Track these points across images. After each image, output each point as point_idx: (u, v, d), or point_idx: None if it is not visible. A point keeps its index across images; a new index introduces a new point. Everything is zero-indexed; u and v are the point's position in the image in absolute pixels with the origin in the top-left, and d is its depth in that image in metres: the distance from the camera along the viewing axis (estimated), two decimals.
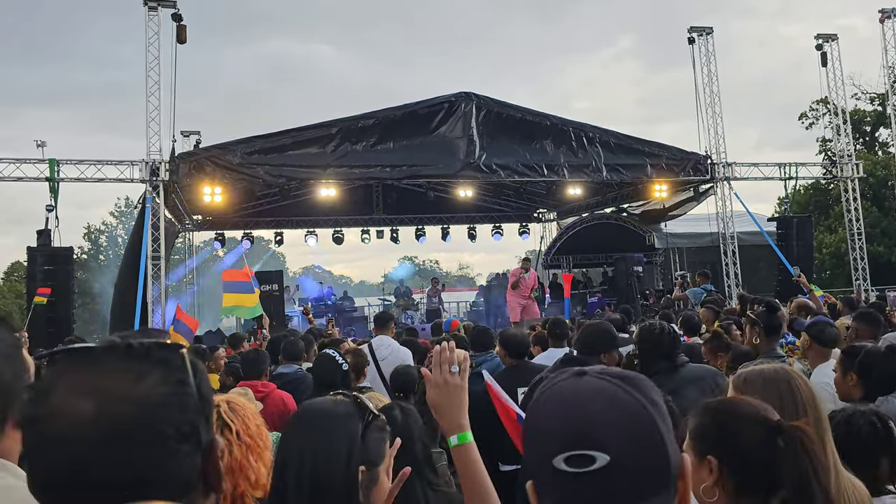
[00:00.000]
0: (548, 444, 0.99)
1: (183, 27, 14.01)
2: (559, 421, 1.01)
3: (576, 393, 1.02)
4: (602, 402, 1.00)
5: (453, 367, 1.89)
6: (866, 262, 18.53)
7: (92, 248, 51.23)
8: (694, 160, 16.67)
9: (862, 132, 33.84)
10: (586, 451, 0.96)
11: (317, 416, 1.72)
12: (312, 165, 14.28)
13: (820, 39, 18.46)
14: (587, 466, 0.95)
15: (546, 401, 1.05)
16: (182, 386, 0.94)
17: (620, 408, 1.00)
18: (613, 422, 0.98)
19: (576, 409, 1.00)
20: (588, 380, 1.04)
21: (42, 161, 13.55)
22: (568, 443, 0.97)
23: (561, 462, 0.96)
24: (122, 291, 14.83)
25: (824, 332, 4.37)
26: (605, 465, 0.95)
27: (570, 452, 0.96)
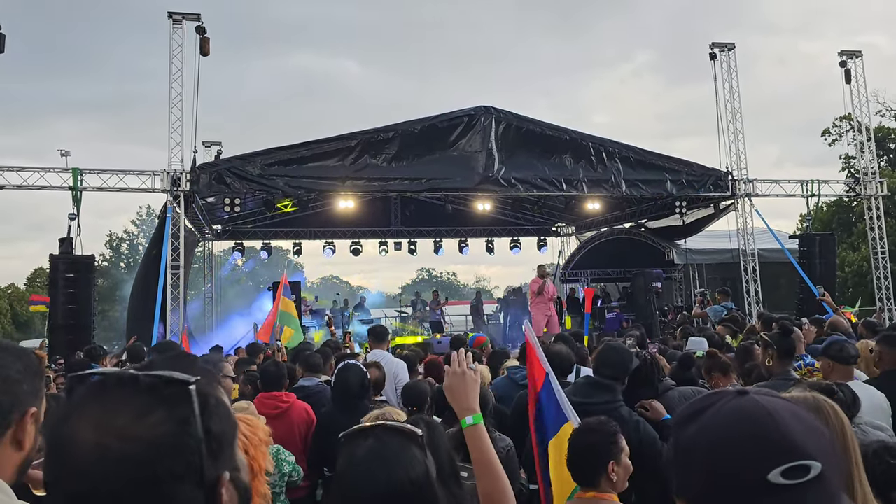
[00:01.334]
0: (754, 461, 1.00)
1: (206, 39, 14.20)
2: (762, 435, 1.02)
3: (762, 408, 1.05)
4: (790, 416, 1.04)
5: (471, 365, 2.21)
6: (890, 281, 18.26)
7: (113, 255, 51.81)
8: (715, 176, 16.55)
9: (886, 149, 33.47)
10: (802, 461, 0.99)
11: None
12: (331, 177, 14.35)
13: (844, 56, 18.31)
14: (804, 477, 0.98)
15: (730, 419, 1.05)
16: (184, 425, 0.93)
17: (805, 420, 1.04)
18: (809, 432, 1.02)
19: (774, 424, 1.02)
20: (761, 397, 1.07)
21: (66, 170, 13.74)
22: (781, 457, 0.99)
23: (778, 476, 0.98)
24: (137, 299, 14.95)
25: (843, 350, 4.28)
26: (819, 473, 0.99)
27: (787, 465, 0.98)
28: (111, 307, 38.02)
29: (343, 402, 4.86)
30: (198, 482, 0.93)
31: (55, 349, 12.35)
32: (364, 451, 1.62)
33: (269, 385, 5.32)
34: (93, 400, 0.94)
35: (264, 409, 4.84)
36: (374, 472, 1.58)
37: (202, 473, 0.93)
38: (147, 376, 0.95)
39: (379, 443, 1.63)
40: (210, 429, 0.96)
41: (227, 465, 0.99)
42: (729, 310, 12.21)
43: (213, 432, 0.96)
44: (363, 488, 1.58)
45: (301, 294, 17.06)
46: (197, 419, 0.94)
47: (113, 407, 0.93)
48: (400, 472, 1.58)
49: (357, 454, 1.63)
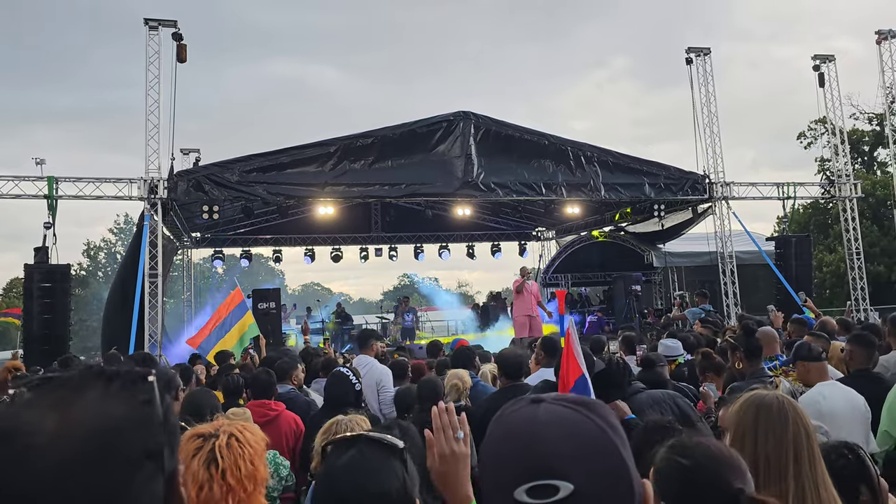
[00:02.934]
0: (506, 476, 0.95)
1: (183, 46, 14.11)
2: (517, 451, 0.96)
3: (532, 421, 0.98)
4: (561, 430, 0.96)
5: (458, 434, 1.76)
6: (866, 282, 18.50)
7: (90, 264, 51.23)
8: (692, 180, 16.70)
9: (860, 152, 33.96)
10: (549, 480, 0.91)
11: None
12: (311, 184, 14.30)
13: (817, 60, 18.57)
14: (550, 497, 0.91)
15: (501, 431, 1.01)
16: (148, 406, 0.93)
17: (581, 434, 0.96)
18: (574, 449, 0.94)
19: (533, 437, 0.96)
20: (545, 407, 1.00)
21: (41, 178, 13.58)
22: (528, 473, 0.93)
23: (523, 494, 0.92)
24: (115, 309, 14.78)
25: (811, 349, 4.36)
26: (569, 495, 0.91)
27: (531, 483, 0.92)
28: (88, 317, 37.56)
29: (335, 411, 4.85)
30: (160, 467, 0.91)
31: (30, 360, 12.17)
32: (345, 461, 1.61)
33: (260, 392, 5.30)
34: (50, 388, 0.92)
35: (254, 417, 4.83)
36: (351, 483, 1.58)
37: (163, 459, 0.92)
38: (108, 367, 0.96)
39: (360, 454, 1.62)
40: (168, 419, 0.95)
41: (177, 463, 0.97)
42: (707, 311, 12.31)
43: (171, 423, 0.95)
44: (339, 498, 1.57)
45: (280, 301, 16.97)
46: (158, 405, 0.94)
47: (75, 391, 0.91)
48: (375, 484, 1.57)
49: (338, 464, 1.62)
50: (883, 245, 27.06)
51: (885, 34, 18.88)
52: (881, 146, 33.39)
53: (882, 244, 27.08)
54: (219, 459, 2.00)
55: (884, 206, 27.51)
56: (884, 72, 19.09)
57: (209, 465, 1.98)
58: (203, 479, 1.94)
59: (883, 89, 19.67)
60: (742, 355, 4.42)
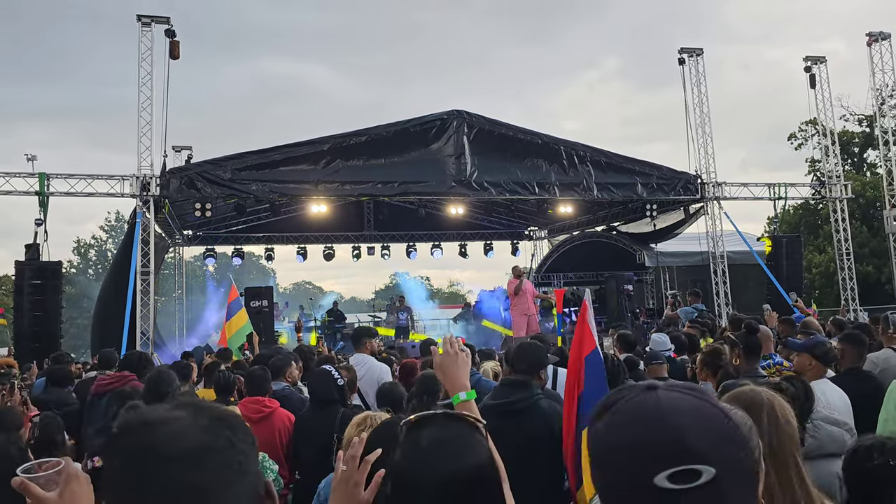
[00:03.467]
0: (641, 464, 0.94)
1: (176, 43, 14.06)
2: (650, 438, 0.95)
3: (658, 408, 0.98)
4: (691, 415, 0.97)
5: (462, 347, 2.31)
6: (855, 282, 18.63)
7: (81, 262, 50.98)
8: (684, 180, 16.77)
9: (850, 153, 34.15)
10: (690, 465, 0.92)
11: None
12: (304, 181, 14.28)
13: (808, 62, 18.67)
14: (693, 482, 0.91)
15: (627, 418, 0.99)
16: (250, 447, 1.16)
17: (709, 419, 0.97)
18: (708, 434, 0.95)
19: (665, 423, 0.96)
20: (664, 394, 1.00)
21: (32, 175, 13.52)
22: (667, 459, 0.93)
23: (664, 480, 0.92)
24: (106, 306, 14.73)
25: (829, 353, 4.41)
26: (711, 479, 0.92)
27: (672, 469, 0.92)
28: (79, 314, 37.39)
29: (320, 407, 4.86)
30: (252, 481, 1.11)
31: (20, 357, 12.11)
32: (435, 437, 1.59)
33: (254, 389, 5.30)
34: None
35: (247, 413, 4.85)
36: (445, 458, 1.55)
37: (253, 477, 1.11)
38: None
39: (446, 430, 1.60)
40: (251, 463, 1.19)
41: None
42: (699, 311, 12.36)
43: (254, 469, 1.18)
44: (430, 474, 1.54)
45: (273, 299, 16.93)
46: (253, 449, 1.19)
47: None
48: (470, 457, 1.55)
49: (425, 441, 1.58)
50: (872, 246, 27.22)
51: (877, 36, 19.02)
52: (871, 147, 33.59)
53: (871, 245, 27.24)
54: None
55: (873, 207, 27.71)
56: (874, 73, 19.23)
57: None
58: None
59: (873, 91, 19.82)
60: (741, 352, 4.45)
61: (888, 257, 19.95)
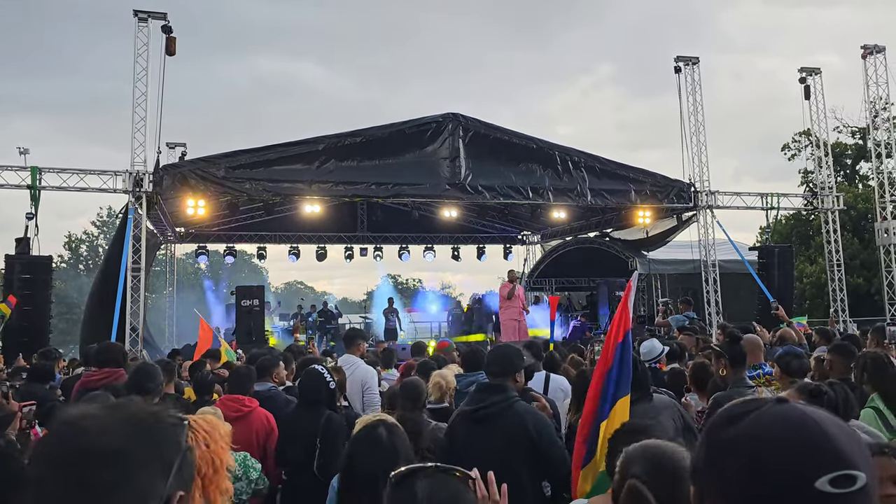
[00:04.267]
0: (800, 469, 0.99)
1: (172, 39, 14.01)
2: (808, 445, 1.00)
3: (807, 418, 1.04)
4: (834, 426, 1.03)
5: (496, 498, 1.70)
6: (845, 294, 18.71)
7: (72, 257, 50.72)
8: (678, 187, 16.81)
9: (843, 165, 34.31)
10: (849, 471, 0.98)
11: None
12: (298, 181, 14.25)
13: (803, 73, 18.76)
14: (851, 486, 0.97)
15: (774, 426, 1.04)
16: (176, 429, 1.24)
17: (846, 430, 1.03)
18: (856, 444, 1.02)
19: (820, 432, 1.01)
20: (800, 407, 1.06)
21: (24, 169, 13.44)
22: (828, 465, 0.98)
23: (826, 484, 0.97)
24: (96, 302, 14.66)
25: (790, 364, 4.44)
26: (864, 484, 0.98)
27: (835, 473, 0.97)
28: (68, 310, 37.17)
29: (309, 408, 4.84)
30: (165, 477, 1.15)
31: (8, 352, 12.03)
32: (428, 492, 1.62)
33: (236, 387, 5.27)
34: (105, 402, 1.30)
35: (225, 410, 4.80)
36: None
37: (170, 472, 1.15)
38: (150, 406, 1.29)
39: (439, 484, 1.63)
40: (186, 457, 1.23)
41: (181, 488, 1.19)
42: (691, 319, 12.39)
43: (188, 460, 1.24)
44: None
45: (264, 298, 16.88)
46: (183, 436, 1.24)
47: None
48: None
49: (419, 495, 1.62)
50: (863, 258, 27.34)
51: (871, 49, 19.12)
52: (863, 159, 33.77)
53: (862, 257, 27.36)
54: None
55: (864, 219, 27.84)
56: (868, 86, 19.33)
57: None
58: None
59: (867, 103, 19.93)
60: (727, 362, 4.47)
61: (878, 269, 20.04)
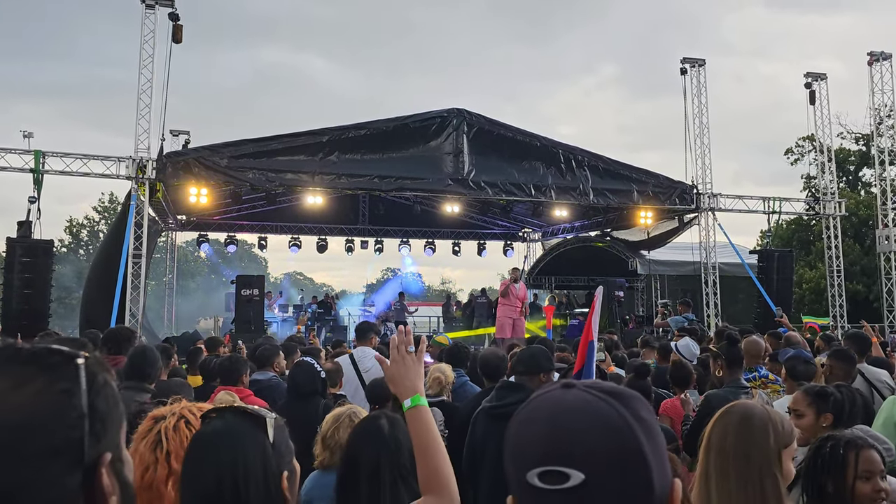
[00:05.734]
0: (524, 458, 0.97)
1: (179, 27, 14.00)
2: (537, 434, 0.97)
3: (557, 406, 0.99)
4: (583, 417, 0.96)
5: (409, 347, 2.11)
6: (844, 300, 18.72)
7: (73, 242, 50.72)
8: (680, 189, 16.80)
9: (846, 171, 34.33)
10: (561, 467, 0.92)
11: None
12: (301, 172, 14.26)
13: (809, 78, 18.74)
14: (560, 484, 0.92)
15: (528, 413, 1.02)
16: (65, 396, 0.87)
17: (602, 424, 0.95)
18: (593, 438, 0.94)
19: (555, 422, 0.97)
20: (574, 392, 1.00)
21: (27, 152, 13.44)
22: (543, 458, 0.94)
23: (534, 477, 0.94)
24: (96, 286, 14.67)
25: (796, 368, 4.46)
26: (577, 485, 0.91)
27: (544, 468, 0.93)
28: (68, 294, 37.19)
29: (296, 398, 4.87)
30: (76, 460, 0.86)
31: (8, 334, 12.05)
32: (207, 430, 1.65)
33: (226, 379, 5.25)
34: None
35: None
36: (209, 452, 1.61)
37: (82, 452, 0.86)
38: (31, 347, 0.90)
39: (224, 424, 1.63)
40: (95, 406, 0.89)
41: (109, 448, 0.92)
42: (689, 321, 12.42)
43: (98, 410, 0.90)
44: (199, 466, 1.61)
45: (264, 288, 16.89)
46: (82, 394, 0.88)
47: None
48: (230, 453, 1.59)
49: (201, 432, 1.66)
50: (863, 264, 27.37)
51: (878, 56, 19.10)
52: (866, 166, 33.78)
53: (862, 263, 27.39)
54: (163, 441, 2.00)
55: (866, 225, 27.87)
56: (874, 93, 19.31)
57: (155, 448, 1.98)
58: (149, 461, 1.95)
59: (872, 110, 19.91)
60: (723, 364, 4.50)
61: (878, 276, 20.06)
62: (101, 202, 50.57)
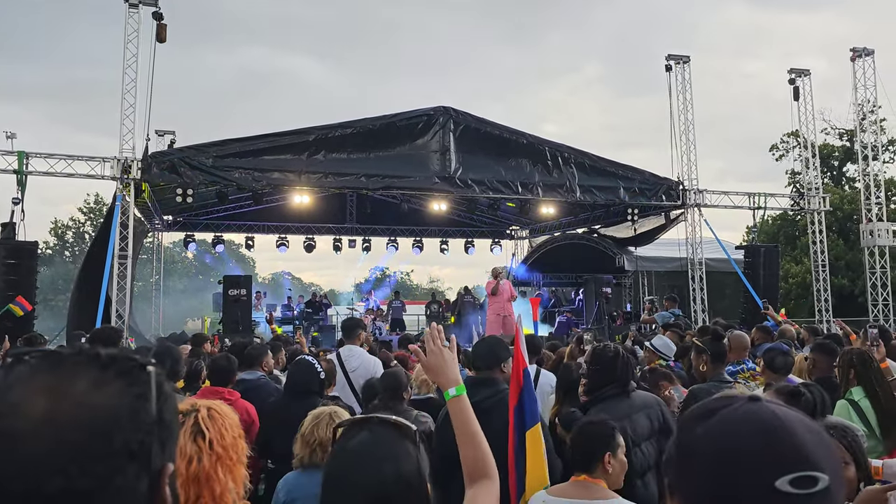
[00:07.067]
0: (761, 468, 1.00)
1: (163, 26, 13.93)
2: (771, 445, 1.01)
3: (775, 418, 1.04)
4: (803, 426, 1.04)
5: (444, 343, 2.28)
6: (829, 294, 18.88)
7: (58, 243, 50.33)
8: (666, 185, 16.88)
9: (830, 166, 34.58)
10: (810, 472, 0.98)
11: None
12: (287, 171, 14.21)
13: (793, 74, 18.87)
14: (812, 487, 0.98)
15: (741, 423, 1.05)
16: (140, 401, 0.88)
17: (815, 432, 1.04)
18: (821, 445, 1.02)
19: (785, 433, 1.02)
20: (771, 406, 1.07)
21: (11, 153, 13.33)
22: (790, 465, 0.99)
23: (786, 484, 0.98)
24: (82, 288, 14.57)
25: (775, 360, 4.50)
26: (826, 486, 0.98)
27: (796, 474, 0.98)
28: (54, 296, 36.93)
29: (293, 397, 4.83)
30: (146, 465, 0.87)
31: None
32: (357, 443, 1.61)
33: (218, 379, 5.23)
34: (45, 369, 0.87)
35: None
36: (366, 465, 1.58)
37: (150, 457, 0.88)
38: (107, 351, 0.91)
39: (372, 436, 1.62)
40: (162, 415, 0.91)
41: (170, 459, 0.93)
42: (676, 316, 12.47)
43: (165, 419, 0.92)
44: (354, 481, 1.57)
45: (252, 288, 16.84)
46: (153, 399, 0.90)
47: (68, 375, 0.87)
48: (390, 466, 1.57)
49: (350, 446, 1.62)
50: (848, 259, 27.59)
51: (860, 52, 19.26)
52: (850, 161, 34.06)
53: (847, 258, 27.61)
54: (205, 431, 2.01)
55: (850, 220, 28.08)
56: (857, 89, 19.47)
57: (196, 438, 1.99)
58: (191, 452, 1.95)
59: (855, 105, 20.07)
60: (708, 358, 4.54)
61: (863, 270, 20.23)
62: (86, 203, 50.19)
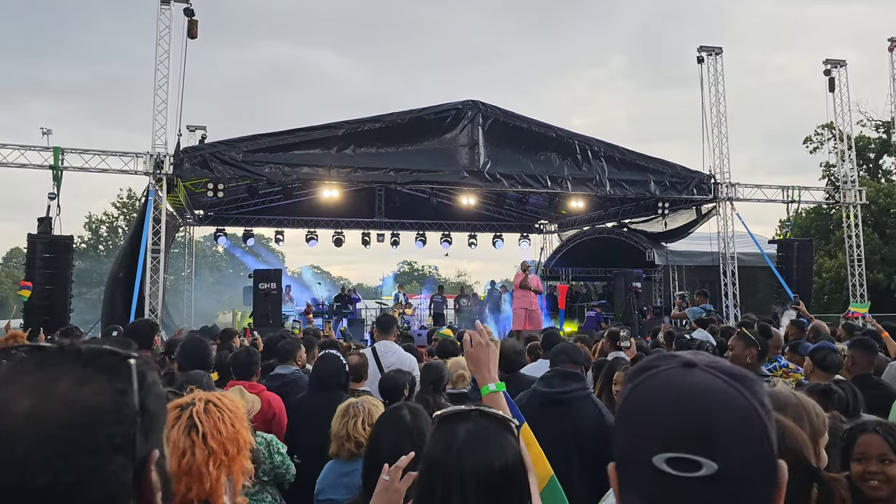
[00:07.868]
0: (650, 439, 0.91)
1: (194, 22, 14.06)
2: (667, 416, 0.91)
3: (686, 387, 0.92)
4: (715, 403, 0.90)
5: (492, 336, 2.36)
6: (865, 289, 18.52)
7: (92, 238, 51.25)
8: (698, 179, 16.66)
9: (866, 159, 33.88)
10: (694, 456, 0.87)
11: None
12: (317, 165, 14.29)
13: (828, 65, 18.50)
14: (691, 472, 0.87)
15: (653, 389, 0.95)
16: (122, 395, 0.92)
17: (734, 411, 0.90)
18: (726, 426, 0.89)
19: (687, 407, 0.91)
20: (699, 374, 0.93)
21: (47, 149, 13.58)
22: (675, 443, 0.89)
23: (662, 462, 0.88)
24: (116, 282, 14.81)
25: (826, 358, 4.43)
26: (710, 475, 0.87)
27: (675, 454, 0.88)
28: (88, 290, 37.64)
29: (319, 391, 4.86)
30: (131, 456, 0.91)
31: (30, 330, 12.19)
32: (464, 434, 1.65)
33: (239, 373, 5.25)
34: (29, 367, 0.91)
35: None
36: (475, 455, 1.62)
37: (134, 448, 0.91)
38: (88, 347, 0.95)
39: (477, 428, 1.66)
40: (145, 405, 0.94)
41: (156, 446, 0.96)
42: (707, 311, 12.34)
43: (148, 409, 0.95)
44: (461, 473, 1.61)
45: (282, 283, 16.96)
46: (134, 393, 0.93)
47: (52, 373, 0.90)
48: (499, 456, 1.62)
49: (457, 436, 1.65)
50: (884, 253, 27.04)
51: None
52: (887, 154, 33.35)
53: (883, 252, 27.06)
54: (198, 425, 2.02)
55: (886, 214, 27.53)
56: (894, 79, 19.04)
57: (189, 432, 1.99)
58: (185, 446, 1.96)
59: (892, 96, 19.63)
60: (756, 353, 4.49)
61: None
62: (119, 198, 51.03)
